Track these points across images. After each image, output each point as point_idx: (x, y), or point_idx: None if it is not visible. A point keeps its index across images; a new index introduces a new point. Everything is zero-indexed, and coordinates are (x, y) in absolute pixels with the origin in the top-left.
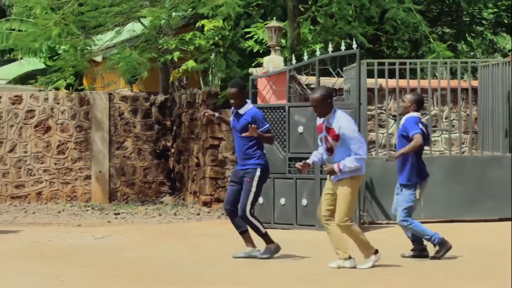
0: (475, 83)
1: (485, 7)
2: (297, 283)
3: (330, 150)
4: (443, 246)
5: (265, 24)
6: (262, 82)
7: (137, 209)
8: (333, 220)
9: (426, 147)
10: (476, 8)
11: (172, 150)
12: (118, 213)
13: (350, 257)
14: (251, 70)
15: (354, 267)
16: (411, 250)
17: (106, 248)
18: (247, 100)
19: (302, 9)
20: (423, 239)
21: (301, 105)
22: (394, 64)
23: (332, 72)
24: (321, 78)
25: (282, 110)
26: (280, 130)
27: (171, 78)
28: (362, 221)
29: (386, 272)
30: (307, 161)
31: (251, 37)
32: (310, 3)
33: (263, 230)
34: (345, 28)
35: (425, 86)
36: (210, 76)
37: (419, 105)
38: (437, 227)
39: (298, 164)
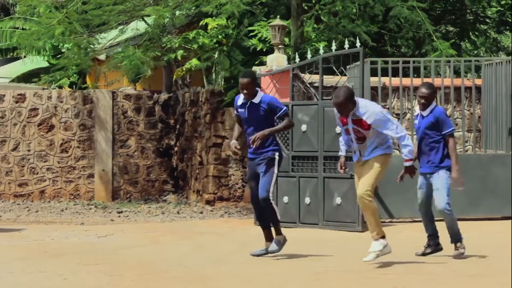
0: (478, 81)
1: (489, 6)
2: (300, 282)
3: (361, 139)
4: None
5: (269, 23)
6: (265, 81)
7: (140, 207)
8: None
9: None
10: (480, 6)
11: (176, 149)
12: (121, 212)
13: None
14: (254, 68)
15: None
16: (426, 247)
17: (109, 246)
18: (257, 89)
19: (305, 7)
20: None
21: (305, 104)
22: (397, 62)
23: (336, 70)
24: (324, 76)
25: None
26: None
27: (174, 76)
28: (365, 219)
29: (390, 270)
30: (341, 155)
31: (255, 36)
32: (313, 1)
33: (279, 217)
34: (349, 26)
35: None
36: (214, 74)
37: (435, 96)
38: (440, 225)
39: (341, 170)
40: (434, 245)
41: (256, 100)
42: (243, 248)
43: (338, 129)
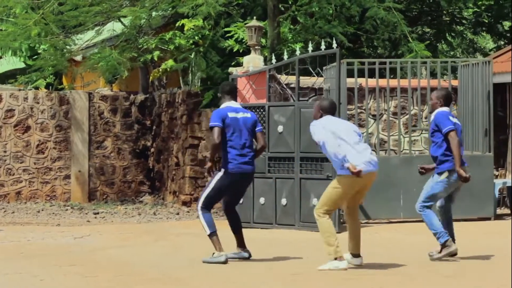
0: (455, 82)
1: (465, 7)
2: (276, 283)
3: None
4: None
5: (245, 24)
6: (242, 82)
7: (116, 208)
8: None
9: None
10: (456, 7)
11: (152, 150)
12: (98, 213)
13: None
14: (231, 69)
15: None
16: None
17: (85, 247)
18: (223, 101)
19: (282, 8)
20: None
21: (281, 105)
22: (374, 63)
23: (312, 71)
24: (301, 77)
25: (262, 110)
26: None
27: (151, 77)
28: (341, 220)
29: (366, 271)
30: None
31: (231, 37)
32: (290, 2)
33: (208, 231)
34: (325, 27)
35: (405, 85)
36: (190, 75)
37: (446, 100)
38: (416, 227)
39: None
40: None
41: None
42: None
43: None
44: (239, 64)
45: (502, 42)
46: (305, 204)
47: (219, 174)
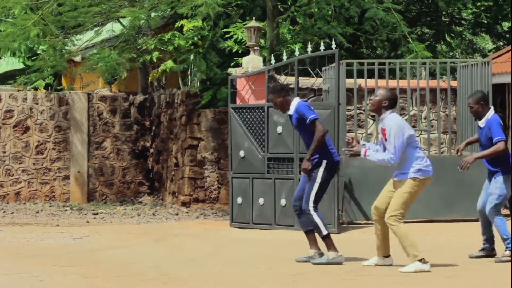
0: (454, 83)
1: (465, 8)
2: (276, 283)
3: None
4: None
5: (244, 24)
6: (241, 82)
7: (115, 209)
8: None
9: None
10: (456, 8)
11: (151, 150)
12: (97, 213)
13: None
14: (230, 70)
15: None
16: (480, 250)
17: (84, 248)
18: (288, 99)
19: (281, 9)
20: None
21: None
22: (373, 64)
23: (311, 72)
24: (300, 78)
25: (261, 110)
26: (259, 130)
27: (150, 78)
28: (341, 221)
29: (365, 272)
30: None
31: (230, 37)
32: (289, 3)
33: (325, 232)
34: (324, 28)
35: (404, 86)
36: (189, 76)
37: (487, 101)
38: (416, 227)
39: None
40: (489, 250)
41: (290, 111)
42: (219, 250)
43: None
44: (238, 65)
45: (501, 43)
46: None
47: (322, 169)
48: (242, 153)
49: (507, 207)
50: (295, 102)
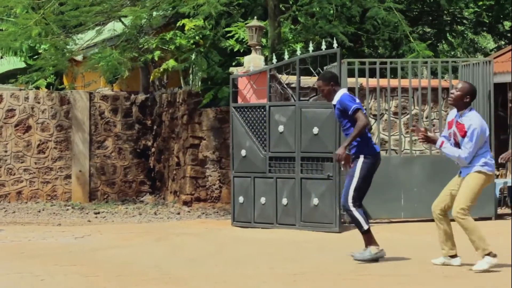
0: (455, 82)
1: (466, 7)
2: (277, 283)
3: (457, 146)
4: None
5: (246, 23)
6: (242, 81)
7: (117, 208)
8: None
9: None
10: (457, 7)
11: (153, 149)
12: (98, 212)
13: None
14: (231, 69)
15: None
16: None
17: (86, 247)
18: (336, 89)
19: (283, 8)
20: None
21: (282, 105)
22: (374, 63)
23: (313, 71)
24: (301, 77)
25: (262, 110)
26: (260, 130)
27: (151, 77)
28: (342, 220)
29: (366, 272)
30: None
31: (232, 36)
32: (291, 2)
33: (365, 227)
34: (326, 27)
35: (406, 85)
36: (191, 75)
37: None
38: (417, 227)
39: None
40: None
41: (334, 101)
42: (220, 249)
43: (315, 130)
44: (239, 64)
45: (503, 42)
46: (306, 204)
47: (360, 163)
48: (243, 152)
49: (508, 205)
50: (341, 93)
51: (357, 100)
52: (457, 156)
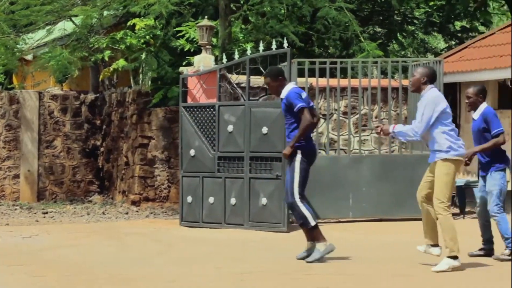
0: (405, 82)
1: (417, 7)
2: (225, 282)
3: None
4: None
5: (197, 23)
6: (192, 81)
7: (65, 208)
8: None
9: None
10: (408, 7)
11: (102, 149)
12: (47, 212)
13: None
14: (182, 69)
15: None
16: (479, 249)
17: (34, 247)
18: (284, 83)
19: (233, 8)
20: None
21: (231, 104)
22: (325, 63)
23: (263, 71)
24: (251, 77)
25: (212, 109)
26: (209, 129)
27: (101, 76)
28: (290, 220)
29: (314, 271)
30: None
31: (182, 36)
32: (241, 2)
33: (313, 223)
34: (277, 27)
35: (356, 85)
36: (141, 75)
37: (485, 96)
38: (365, 226)
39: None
40: (488, 250)
41: (282, 95)
42: (168, 249)
43: (265, 130)
44: (190, 64)
45: (453, 42)
46: (254, 203)
47: (298, 158)
48: (192, 152)
49: (456, 205)
50: (289, 87)
51: (304, 95)
52: (410, 133)
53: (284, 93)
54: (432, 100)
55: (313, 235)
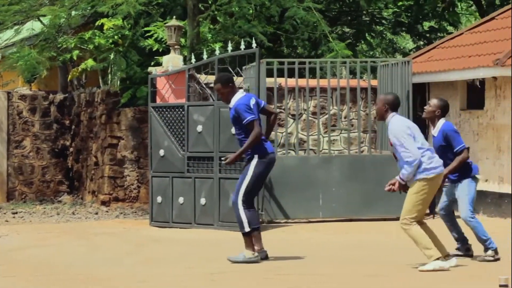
0: (374, 82)
1: (385, 7)
2: (195, 282)
3: (396, 159)
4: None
5: (165, 23)
6: (161, 81)
7: (35, 208)
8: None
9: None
10: (376, 7)
11: (71, 149)
12: (16, 212)
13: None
14: (150, 69)
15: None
16: (456, 249)
17: (3, 247)
18: (234, 90)
19: (202, 8)
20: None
21: (200, 104)
22: (293, 63)
23: (232, 71)
24: None
25: (181, 109)
26: (179, 129)
27: (69, 76)
28: (261, 220)
29: (285, 271)
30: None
31: (151, 36)
32: (210, 2)
33: (247, 229)
34: (245, 27)
35: (325, 85)
36: (110, 75)
37: (445, 111)
38: (335, 226)
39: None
40: (464, 249)
41: (231, 104)
42: (138, 249)
43: (234, 130)
44: (158, 64)
45: (422, 42)
46: (224, 203)
47: (254, 163)
48: (162, 152)
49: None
50: (238, 96)
51: (253, 102)
52: (407, 170)
53: (233, 102)
54: (397, 127)
55: (245, 239)
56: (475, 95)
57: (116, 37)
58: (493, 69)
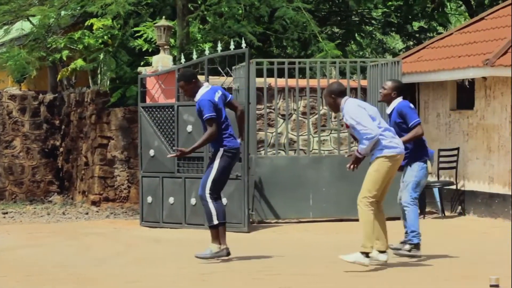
0: (364, 82)
1: (375, 7)
2: (186, 282)
3: (356, 140)
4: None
5: (155, 23)
6: (151, 81)
7: (25, 208)
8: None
9: None
10: (366, 8)
11: (61, 149)
12: (6, 212)
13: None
14: (140, 69)
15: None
16: (401, 242)
17: None
18: (200, 85)
19: (191, 8)
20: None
21: (190, 104)
22: (283, 63)
23: (221, 71)
24: (210, 77)
25: (171, 109)
26: (169, 129)
27: (59, 76)
28: (251, 220)
29: (276, 271)
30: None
31: (141, 36)
32: (199, 2)
33: (215, 222)
34: (235, 27)
35: (314, 85)
36: (99, 75)
37: (400, 92)
38: (326, 227)
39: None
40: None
41: (196, 98)
42: (129, 249)
43: None
44: (148, 64)
45: (411, 43)
46: None
47: (219, 157)
48: (152, 152)
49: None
50: (202, 91)
51: (218, 96)
52: (364, 144)
53: (197, 96)
54: (351, 107)
55: (212, 233)
56: (465, 95)
57: (105, 37)
58: (482, 69)
